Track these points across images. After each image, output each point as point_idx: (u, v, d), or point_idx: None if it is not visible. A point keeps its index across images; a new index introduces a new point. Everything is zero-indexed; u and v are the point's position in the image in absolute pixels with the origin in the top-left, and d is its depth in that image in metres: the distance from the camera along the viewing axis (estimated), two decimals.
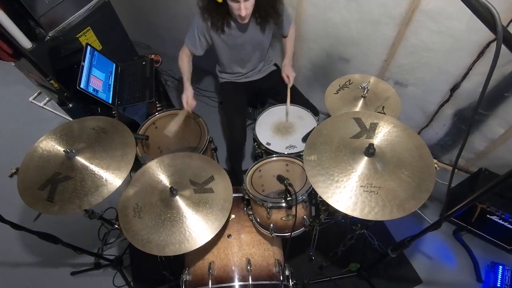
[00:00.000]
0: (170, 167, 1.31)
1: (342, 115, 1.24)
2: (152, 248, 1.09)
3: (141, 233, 1.12)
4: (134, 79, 1.97)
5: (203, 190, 1.21)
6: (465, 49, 1.56)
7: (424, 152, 1.09)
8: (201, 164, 1.32)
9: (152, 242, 1.10)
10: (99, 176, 1.18)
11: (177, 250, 1.08)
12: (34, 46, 1.69)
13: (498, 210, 1.66)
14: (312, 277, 1.75)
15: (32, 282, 1.91)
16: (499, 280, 1.72)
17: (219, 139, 2.44)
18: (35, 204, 1.14)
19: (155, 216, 1.16)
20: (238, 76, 1.93)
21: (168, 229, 1.12)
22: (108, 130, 1.32)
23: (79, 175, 1.18)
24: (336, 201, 1.00)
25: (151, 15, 2.75)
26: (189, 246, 1.08)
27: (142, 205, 1.20)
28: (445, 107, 1.86)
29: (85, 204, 1.12)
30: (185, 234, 1.10)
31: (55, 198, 1.14)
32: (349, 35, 1.83)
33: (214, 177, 1.25)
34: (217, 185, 1.23)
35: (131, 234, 1.13)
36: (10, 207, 1.51)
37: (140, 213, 1.17)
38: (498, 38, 0.55)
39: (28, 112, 2.74)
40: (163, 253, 1.08)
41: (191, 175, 1.26)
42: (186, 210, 1.16)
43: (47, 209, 1.13)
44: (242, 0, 1.41)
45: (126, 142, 1.28)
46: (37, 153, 1.27)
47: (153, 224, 1.14)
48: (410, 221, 1.93)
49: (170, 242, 1.09)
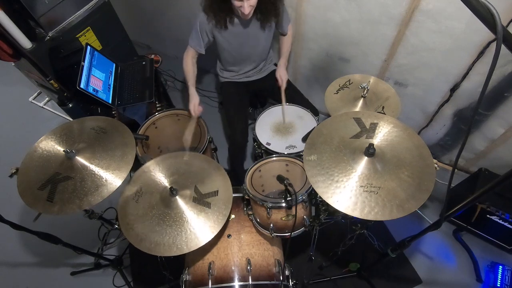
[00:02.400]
0: (170, 166, 1.31)
1: (342, 115, 1.24)
2: (152, 248, 1.09)
3: (141, 233, 1.12)
4: (134, 79, 1.98)
5: (202, 202, 1.19)
6: (465, 49, 1.56)
7: (424, 152, 1.09)
8: (202, 165, 1.31)
9: (152, 242, 1.10)
10: (99, 176, 1.18)
11: (177, 250, 1.07)
12: (34, 46, 1.69)
13: (498, 210, 1.66)
14: (312, 277, 1.75)
15: (32, 282, 1.91)
16: (499, 280, 1.72)
17: (219, 139, 2.44)
18: (35, 204, 1.14)
19: (155, 216, 1.16)
20: (239, 75, 1.93)
21: (168, 229, 1.12)
22: (108, 130, 1.32)
23: (79, 175, 1.18)
24: (336, 201, 1.00)
25: (151, 15, 2.75)
26: (189, 246, 1.08)
27: (144, 191, 1.21)
28: (445, 107, 1.86)
29: (85, 204, 1.12)
30: (185, 234, 1.10)
31: (55, 198, 1.14)
32: (349, 35, 1.83)
33: (218, 193, 1.21)
34: (218, 201, 1.19)
35: (131, 234, 1.13)
36: (10, 207, 1.51)
37: (139, 198, 1.20)
38: (498, 38, 0.55)
39: (28, 112, 2.73)
40: (163, 253, 1.08)
41: (196, 180, 1.24)
42: (186, 210, 1.16)
43: (47, 209, 1.13)
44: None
45: (126, 142, 1.28)
46: (37, 153, 1.27)
47: (153, 224, 1.14)
48: (410, 221, 1.93)
49: (170, 242, 1.09)
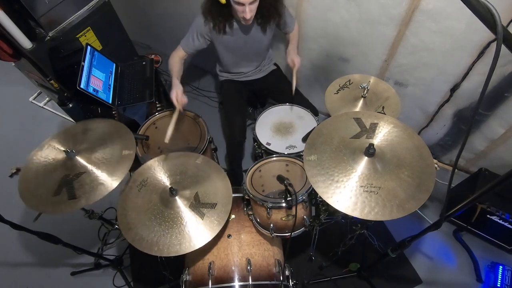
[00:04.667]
0: (170, 166, 1.31)
1: (342, 115, 1.24)
2: (141, 244, 1.09)
3: (141, 233, 1.12)
4: (134, 79, 1.97)
5: (197, 211, 1.17)
6: (465, 49, 1.56)
7: (424, 152, 1.09)
8: (210, 173, 1.29)
9: (142, 238, 1.10)
10: (99, 176, 1.18)
11: (178, 250, 1.07)
12: (34, 46, 1.69)
13: (498, 210, 1.66)
14: (312, 277, 1.75)
15: (32, 282, 1.91)
16: (499, 280, 1.71)
17: (219, 139, 2.44)
18: (35, 204, 1.15)
19: (151, 213, 1.16)
20: (239, 75, 1.93)
21: (168, 230, 1.12)
22: (108, 130, 1.32)
23: (89, 169, 1.19)
24: (336, 201, 1.00)
25: (151, 15, 2.75)
26: (189, 246, 1.08)
27: (148, 183, 1.22)
28: (445, 107, 1.86)
29: (83, 202, 1.13)
30: (185, 235, 1.10)
31: (77, 193, 1.15)
32: (349, 35, 1.83)
33: (216, 206, 1.18)
34: (213, 214, 1.16)
35: (131, 234, 1.13)
36: (10, 207, 1.51)
37: (142, 188, 1.21)
38: (498, 38, 0.55)
39: (28, 112, 2.73)
40: (163, 253, 1.08)
41: (199, 187, 1.23)
42: (186, 210, 1.16)
43: (73, 206, 1.13)
44: (247, 3, 1.41)
45: (126, 142, 1.28)
46: (40, 155, 1.27)
47: (147, 220, 1.14)
48: (410, 221, 1.93)
49: (170, 242, 1.09)
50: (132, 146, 1.26)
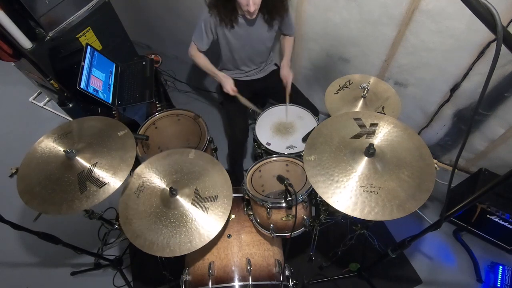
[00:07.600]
0: (164, 167, 1.30)
1: (342, 115, 1.24)
2: (152, 248, 1.09)
3: (150, 238, 1.12)
4: (134, 79, 1.97)
5: (200, 205, 1.18)
6: (465, 49, 1.56)
7: (424, 152, 1.09)
8: (206, 165, 1.30)
9: (152, 242, 1.10)
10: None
11: (189, 247, 1.07)
12: (34, 46, 1.69)
13: (498, 210, 1.66)
14: (312, 277, 1.75)
15: (32, 282, 1.91)
16: (499, 280, 1.72)
17: (219, 139, 2.44)
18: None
19: (155, 216, 1.16)
20: (239, 75, 1.93)
21: (176, 230, 1.12)
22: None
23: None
24: (336, 201, 1.00)
25: (151, 15, 2.75)
26: (189, 247, 1.08)
27: (146, 187, 1.22)
28: (445, 107, 1.86)
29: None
30: (193, 231, 1.10)
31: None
32: (349, 35, 1.83)
33: (218, 198, 1.20)
34: (216, 206, 1.18)
35: (129, 229, 1.13)
36: (10, 207, 1.51)
37: (140, 193, 1.20)
38: (498, 38, 0.55)
39: (28, 112, 2.73)
40: (156, 253, 1.08)
41: (198, 182, 1.24)
42: (189, 207, 1.16)
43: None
44: None
45: (126, 142, 1.27)
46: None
47: (153, 224, 1.14)
48: (410, 221, 1.93)
49: (181, 241, 1.09)
50: (124, 127, 1.29)
